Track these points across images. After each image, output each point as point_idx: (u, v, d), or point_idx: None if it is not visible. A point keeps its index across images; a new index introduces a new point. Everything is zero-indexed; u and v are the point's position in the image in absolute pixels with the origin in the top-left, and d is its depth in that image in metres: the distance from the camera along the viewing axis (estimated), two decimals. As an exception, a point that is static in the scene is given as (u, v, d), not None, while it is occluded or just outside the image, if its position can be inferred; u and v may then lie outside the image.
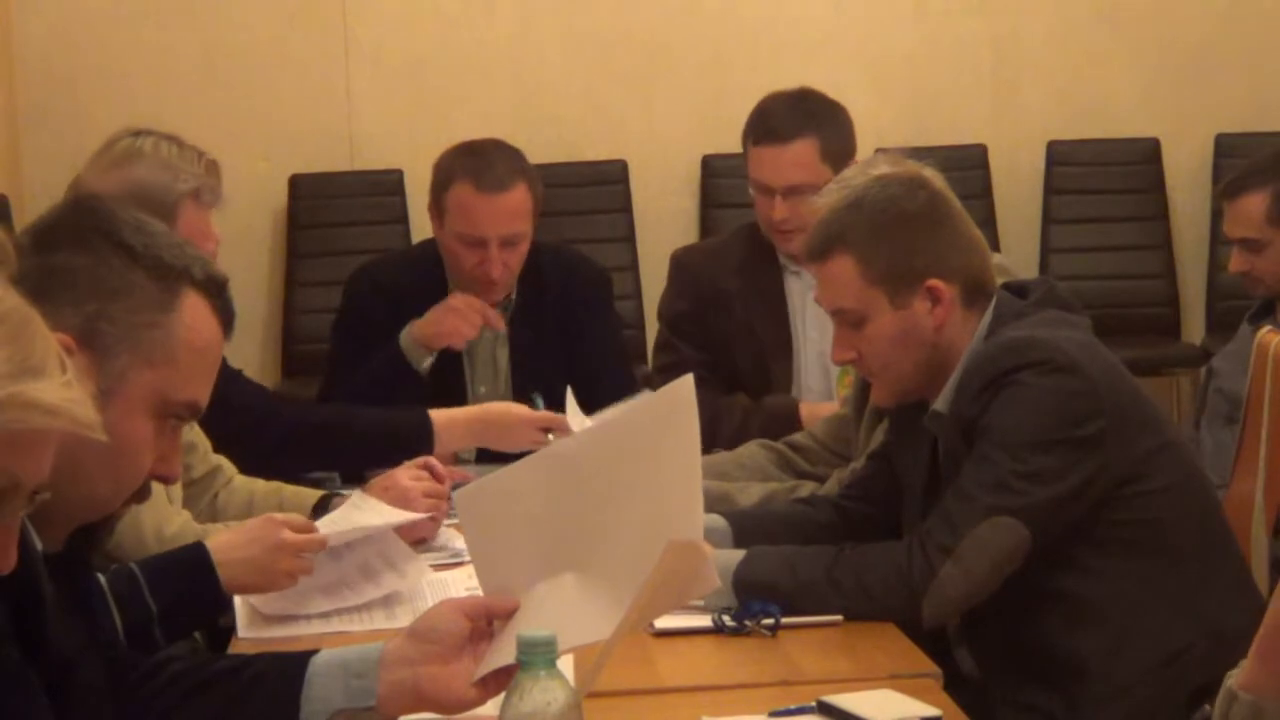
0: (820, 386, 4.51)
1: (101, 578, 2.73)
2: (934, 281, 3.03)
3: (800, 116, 4.49)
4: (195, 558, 2.87)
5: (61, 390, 1.68)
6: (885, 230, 3.05)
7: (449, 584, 3.16)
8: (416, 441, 3.88)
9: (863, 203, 3.07)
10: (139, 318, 2.11)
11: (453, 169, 4.39)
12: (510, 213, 4.34)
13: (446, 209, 4.37)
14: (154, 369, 2.10)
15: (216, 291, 2.19)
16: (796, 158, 4.43)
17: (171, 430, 2.13)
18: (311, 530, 2.99)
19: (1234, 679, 2.01)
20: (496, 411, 4.06)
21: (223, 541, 2.90)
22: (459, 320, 4.31)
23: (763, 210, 4.51)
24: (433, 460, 3.54)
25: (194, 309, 2.15)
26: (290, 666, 2.25)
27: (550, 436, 3.89)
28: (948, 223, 3.08)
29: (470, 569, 3.21)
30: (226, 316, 2.20)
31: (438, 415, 3.97)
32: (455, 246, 4.36)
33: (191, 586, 2.83)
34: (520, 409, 4.06)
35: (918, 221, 3.06)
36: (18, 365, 1.66)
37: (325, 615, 3.00)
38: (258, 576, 2.89)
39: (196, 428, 3.55)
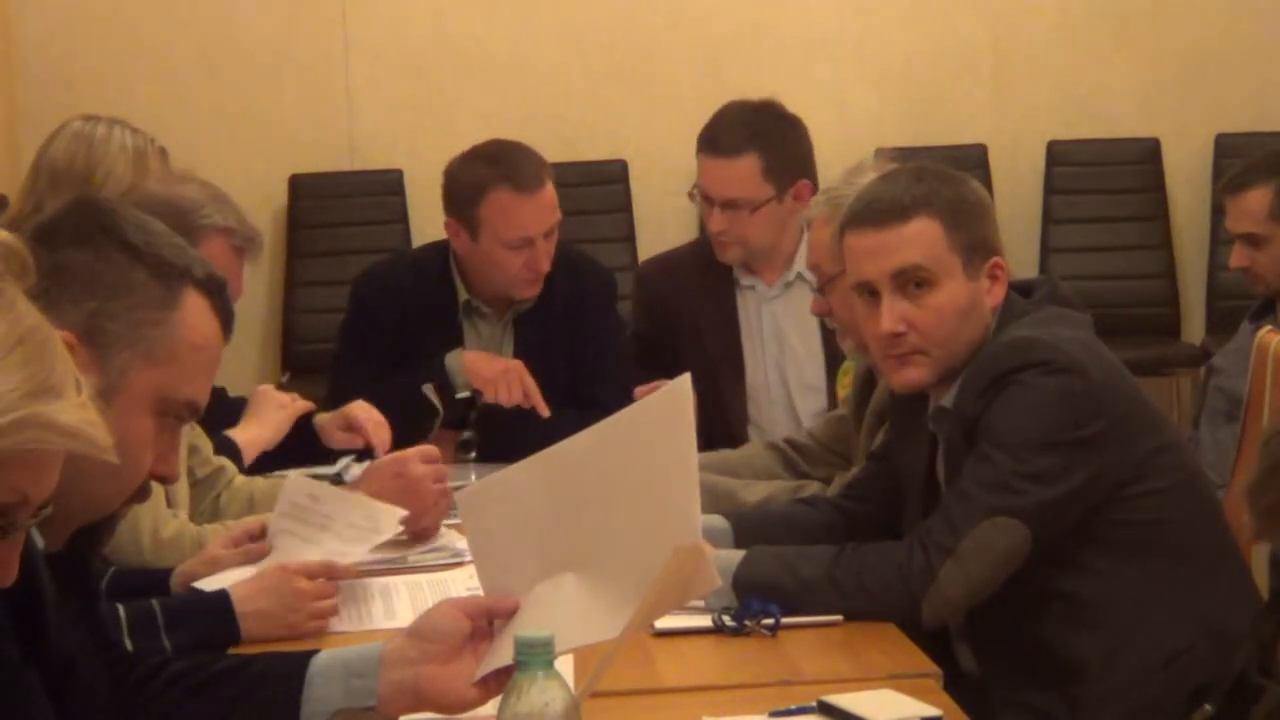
0: (780, 398, 4.52)
1: (120, 608, 2.73)
2: (999, 260, 3.05)
3: (747, 132, 4.50)
4: (218, 605, 2.87)
5: (78, 412, 1.68)
6: (965, 202, 3.05)
7: (449, 584, 3.16)
8: None
9: (935, 175, 3.08)
10: (141, 315, 2.11)
11: (483, 179, 4.38)
12: (549, 206, 4.40)
13: (484, 220, 4.36)
14: (156, 367, 2.10)
15: (216, 291, 2.19)
16: (738, 173, 4.47)
17: (171, 429, 2.13)
18: (325, 573, 2.98)
19: None
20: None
21: (241, 593, 2.89)
22: (506, 385, 4.30)
23: (704, 217, 4.55)
24: (433, 450, 3.53)
25: (195, 307, 2.15)
26: (290, 666, 2.25)
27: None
28: (993, 212, 3.11)
29: (470, 569, 3.22)
30: (226, 317, 2.20)
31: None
32: (499, 253, 4.36)
33: (211, 632, 2.83)
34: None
35: (983, 202, 3.10)
36: (38, 385, 1.66)
37: None
38: (277, 628, 2.88)
39: (199, 430, 3.56)
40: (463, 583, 3.15)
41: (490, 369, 4.33)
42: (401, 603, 3.07)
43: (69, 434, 1.67)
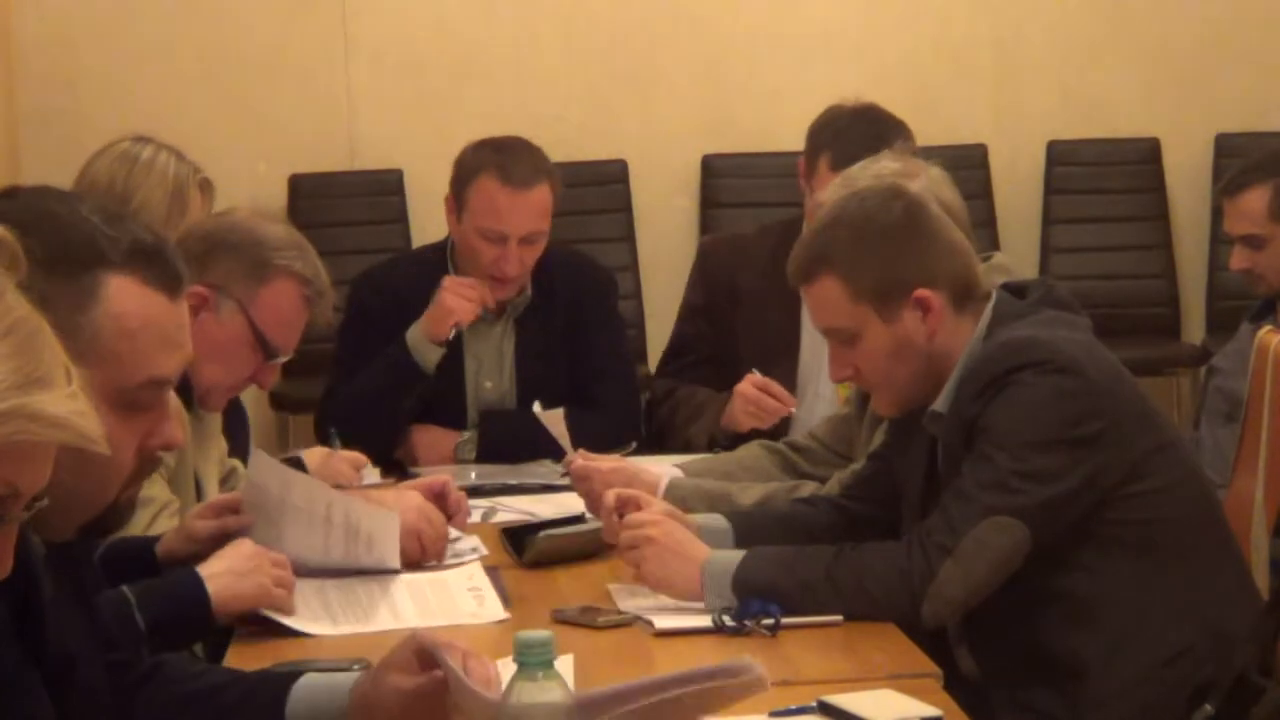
0: (828, 390, 4.53)
1: None
2: (922, 291, 3.03)
3: (873, 142, 4.50)
4: (185, 575, 2.88)
5: (67, 402, 1.67)
6: (866, 246, 3.04)
7: (449, 584, 3.16)
8: None
9: (841, 220, 3.08)
10: (63, 321, 1.88)
11: (479, 163, 4.40)
12: (534, 210, 4.37)
13: (468, 202, 4.39)
14: (95, 367, 1.97)
15: (145, 261, 2.09)
16: None
17: (146, 408, 2.09)
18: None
19: None
20: None
21: (205, 564, 2.90)
22: (454, 299, 4.30)
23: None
24: (449, 483, 3.48)
25: (118, 292, 2.06)
26: (274, 687, 2.24)
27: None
28: (927, 230, 3.07)
29: (470, 569, 3.24)
30: (166, 279, 2.10)
31: None
32: (475, 240, 4.38)
33: (181, 603, 2.83)
34: None
35: (897, 233, 3.05)
36: (25, 376, 1.65)
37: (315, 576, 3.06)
38: (245, 588, 2.88)
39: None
40: (463, 583, 3.15)
41: (440, 305, 4.31)
42: (403, 602, 3.06)
43: (57, 425, 1.66)
